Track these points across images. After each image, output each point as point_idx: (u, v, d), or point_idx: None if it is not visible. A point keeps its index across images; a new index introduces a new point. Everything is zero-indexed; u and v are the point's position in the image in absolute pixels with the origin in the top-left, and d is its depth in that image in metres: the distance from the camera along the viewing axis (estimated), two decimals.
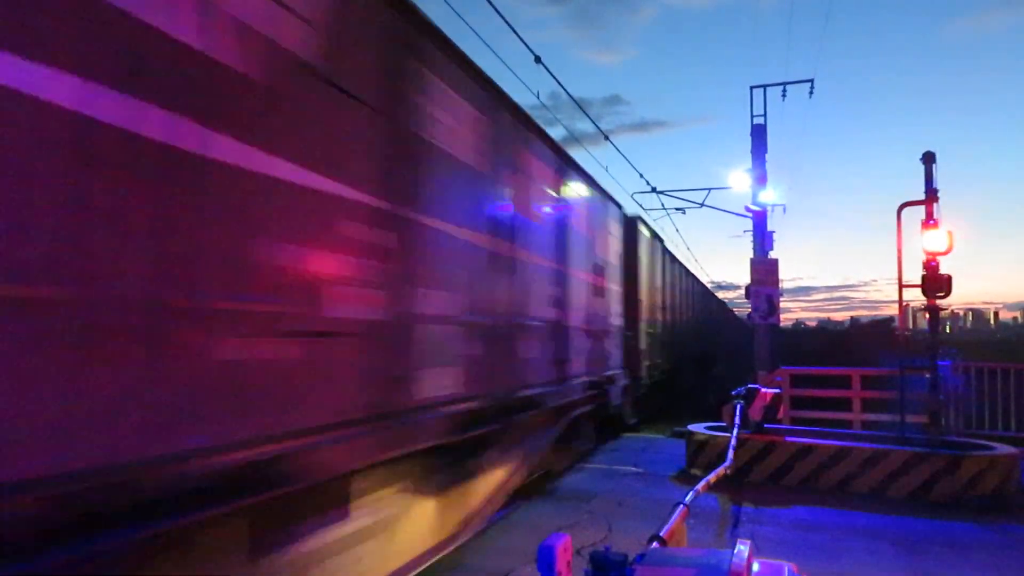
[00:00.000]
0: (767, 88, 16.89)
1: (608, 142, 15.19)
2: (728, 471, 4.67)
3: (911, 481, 7.11)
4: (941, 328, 8.20)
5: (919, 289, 7.75)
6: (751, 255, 15.23)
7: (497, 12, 7.14)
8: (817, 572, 4.78)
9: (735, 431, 6.04)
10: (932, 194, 7.85)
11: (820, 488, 7.39)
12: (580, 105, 12.23)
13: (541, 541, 2.32)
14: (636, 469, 8.45)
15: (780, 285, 13.62)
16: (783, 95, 17.97)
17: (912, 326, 9.80)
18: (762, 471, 7.71)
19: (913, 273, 7.83)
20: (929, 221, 7.76)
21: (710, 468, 5.02)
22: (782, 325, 21.09)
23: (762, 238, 15.68)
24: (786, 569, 2.34)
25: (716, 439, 8.10)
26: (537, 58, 8.90)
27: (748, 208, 15.88)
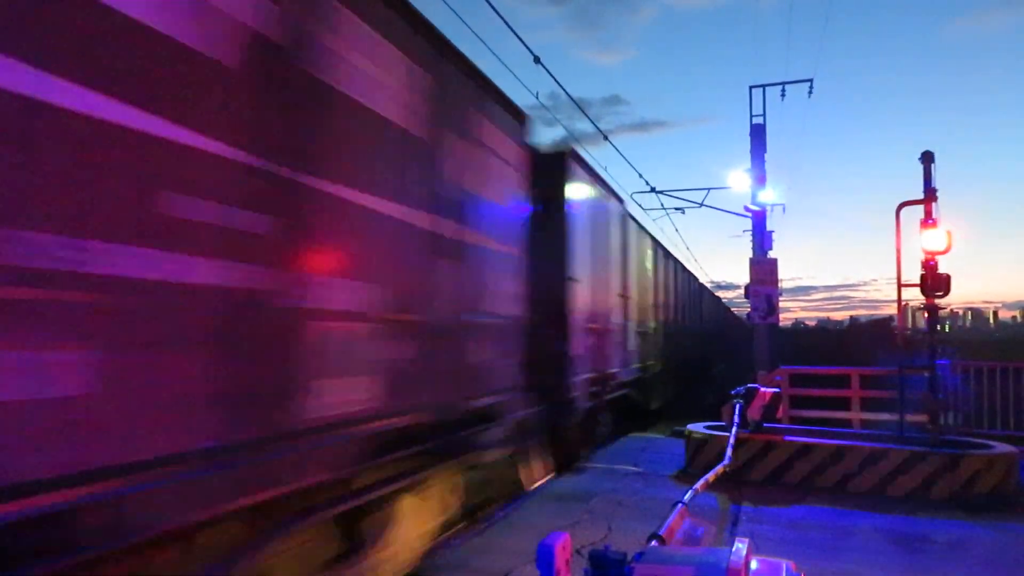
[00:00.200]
0: (766, 88, 16.93)
1: (608, 142, 15.21)
2: (727, 469, 4.68)
3: (910, 480, 7.12)
4: (940, 327, 8.21)
5: (918, 288, 7.75)
6: (750, 255, 15.26)
7: (496, 12, 7.15)
8: (816, 570, 4.79)
9: (734, 430, 6.05)
10: (931, 193, 7.85)
11: (819, 487, 7.40)
12: (579, 105, 12.25)
13: (540, 540, 2.32)
14: (636, 468, 8.46)
15: (779, 285, 13.64)
16: (782, 95, 18.03)
17: (911, 325, 9.80)
18: (761, 470, 7.72)
19: (912, 272, 7.83)
20: (928, 220, 7.76)
21: (710, 467, 5.02)
22: (781, 325, 21.14)
23: (761, 238, 15.72)
24: (784, 567, 2.34)
25: (715, 438, 8.10)
26: (536, 58, 8.91)
27: (747, 208, 15.92)
